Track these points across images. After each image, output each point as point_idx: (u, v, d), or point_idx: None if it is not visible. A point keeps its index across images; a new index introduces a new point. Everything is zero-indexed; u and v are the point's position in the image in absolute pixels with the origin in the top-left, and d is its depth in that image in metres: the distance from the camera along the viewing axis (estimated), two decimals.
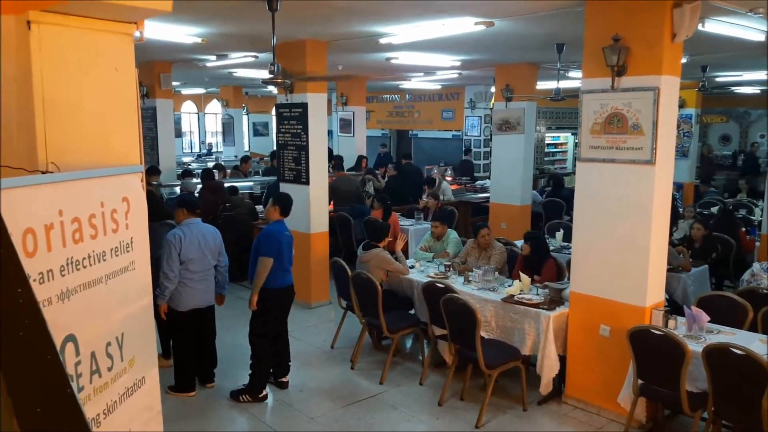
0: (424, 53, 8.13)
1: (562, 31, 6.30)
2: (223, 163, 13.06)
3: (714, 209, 9.44)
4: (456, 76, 11.36)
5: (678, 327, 4.39)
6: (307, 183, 7.09)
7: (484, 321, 5.05)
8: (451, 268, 5.93)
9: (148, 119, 9.44)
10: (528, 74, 9.31)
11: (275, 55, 5.33)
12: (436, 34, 6.12)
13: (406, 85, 13.63)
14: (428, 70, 10.66)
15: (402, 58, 8.36)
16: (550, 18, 5.47)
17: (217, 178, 9.42)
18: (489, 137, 13.14)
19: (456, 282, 5.56)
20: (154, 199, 5.95)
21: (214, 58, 8.61)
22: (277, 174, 7.76)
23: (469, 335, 4.62)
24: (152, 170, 8.87)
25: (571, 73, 9.42)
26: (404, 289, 5.87)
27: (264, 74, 5.35)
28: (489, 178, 10.99)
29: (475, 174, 14.63)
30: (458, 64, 9.35)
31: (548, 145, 15.84)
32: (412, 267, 6.06)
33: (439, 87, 14.63)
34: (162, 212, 5.18)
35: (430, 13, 5.38)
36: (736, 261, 7.21)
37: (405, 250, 6.80)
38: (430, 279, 5.50)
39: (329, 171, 8.73)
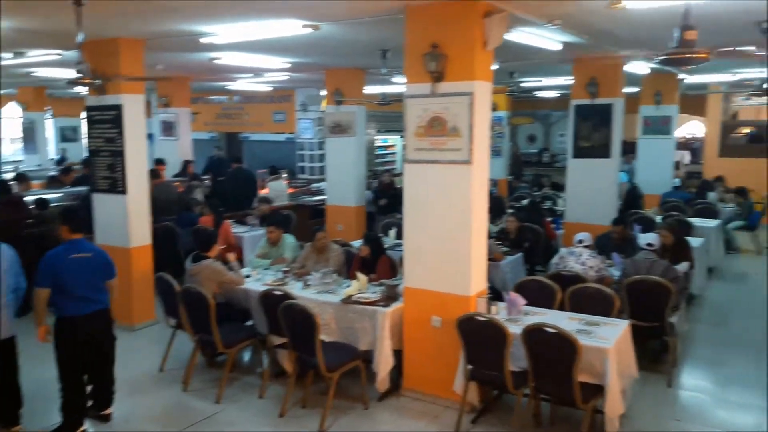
0: (252, 54, 7.92)
1: (385, 38, 6.49)
2: (25, 172, 11.54)
3: (525, 202, 10.41)
4: (286, 78, 11.24)
5: (500, 312, 4.72)
6: (124, 192, 6.54)
7: (324, 324, 5.03)
8: (290, 274, 5.84)
9: None
10: (356, 78, 9.50)
11: (83, 54, 4.83)
12: (261, 35, 5.97)
13: (233, 86, 13.18)
14: (256, 72, 10.41)
15: (227, 58, 8.05)
16: (373, 24, 5.60)
17: (16, 191, 8.31)
18: (322, 140, 13.21)
19: (295, 288, 5.48)
20: None
21: (10, 55, 7.57)
22: (90, 183, 7.05)
23: (308, 341, 4.56)
24: None
25: (396, 78, 9.76)
26: (240, 300, 5.64)
27: (71, 73, 4.82)
28: (325, 180, 11.07)
29: (310, 177, 14.64)
30: (288, 66, 9.25)
31: (378, 147, 16.37)
32: (248, 276, 5.86)
33: (269, 89, 14.37)
34: None
35: (254, 13, 5.22)
36: (545, 248, 8.01)
37: (240, 259, 6.56)
38: (267, 287, 5.35)
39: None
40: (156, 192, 8.12)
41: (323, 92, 11.15)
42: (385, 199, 10.31)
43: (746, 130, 14.91)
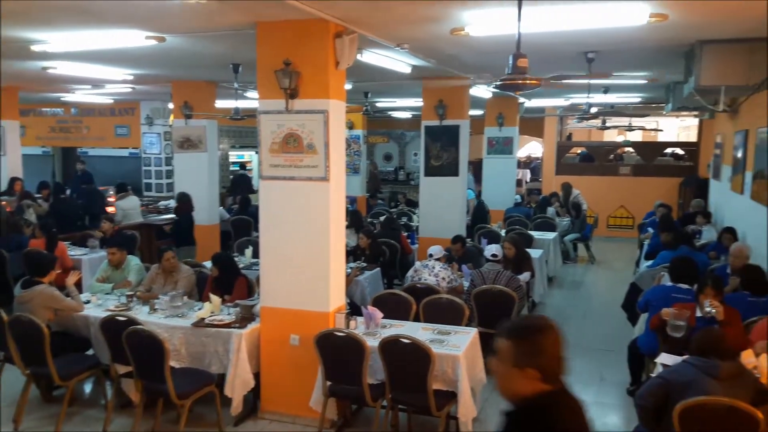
0: (90, 64, 7.36)
1: (237, 52, 6.36)
2: None
3: (383, 218, 10.69)
4: (129, 90, 10.58)
5: (358, 326, 4.80)
6: None
7: (174, 349, 4.75)
8: (135, 298, 5.46)
9: None
10: (206, 92, 9.21)
11: None
12: (101, 45, 5.58)
13: (70, 97, 12.14)
14: (96, 83, 9.69)
15: (62, 68, 7.41)
16: (223, 38, 5.47)
17: None
18: (170, 155, 12.60)
19: (141, 312, 5.13)
20: None
21: None
22: None
23: (157, 368, 4.30)
24: None
25: (250, 93, 9.62)
26: (79, 329, 5.19)
27: None
28: (173, 198, 10.52)
29: (157, 194, 13.86)
30: (131, 78, 8.72)
31: (233, 163, 15.93)
32: (88, 302, 5.40)
33: (110, 101, 13.42)
34: None
35: (91, 22, 4.85)
36: (402, 262, 8.29)
37: (79, 284, 6.02)
38: (109, 313, 4.96)
39: None
40: None
41: (170, 105, 10.66)
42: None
43: (578, 150, 16.63)
